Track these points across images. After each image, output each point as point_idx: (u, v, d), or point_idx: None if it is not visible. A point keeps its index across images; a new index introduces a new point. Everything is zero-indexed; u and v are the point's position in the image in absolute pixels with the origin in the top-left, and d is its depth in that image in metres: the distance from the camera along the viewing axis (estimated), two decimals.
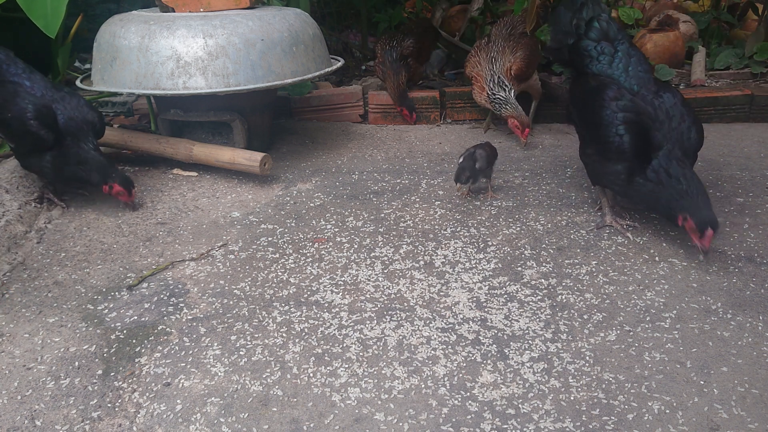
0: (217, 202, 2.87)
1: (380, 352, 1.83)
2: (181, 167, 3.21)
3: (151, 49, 2.91)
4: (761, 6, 4.40)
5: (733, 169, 3.01)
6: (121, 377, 1.78)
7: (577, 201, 2.74)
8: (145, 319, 2.02)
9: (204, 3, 3.15)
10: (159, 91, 2.94)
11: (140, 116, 3.97)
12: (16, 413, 1.66)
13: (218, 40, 2.91)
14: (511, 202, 2.76)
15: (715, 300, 2.03)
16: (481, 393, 1.67)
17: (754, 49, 4.11)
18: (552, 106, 3.83)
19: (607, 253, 2.32)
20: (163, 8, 3.20)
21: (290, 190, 2.97)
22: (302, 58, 3.12)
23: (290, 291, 2.15)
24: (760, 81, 4.00)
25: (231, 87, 2.93)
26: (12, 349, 1.90)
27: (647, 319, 1.95)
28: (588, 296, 2.06)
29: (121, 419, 1.63)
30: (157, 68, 2.91)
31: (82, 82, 3.20)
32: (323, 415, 1.61)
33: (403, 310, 2.03)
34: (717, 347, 1.81)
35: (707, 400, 1.62)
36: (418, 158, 3.34)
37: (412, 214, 2.68)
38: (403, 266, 2.28)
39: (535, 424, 1.56)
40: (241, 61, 2.93)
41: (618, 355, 1.80)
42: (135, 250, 2.45)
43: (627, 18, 4.42)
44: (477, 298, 2.08)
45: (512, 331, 1.91)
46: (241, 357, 1.83)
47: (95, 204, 2.83)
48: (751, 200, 2.68)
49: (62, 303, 2.12)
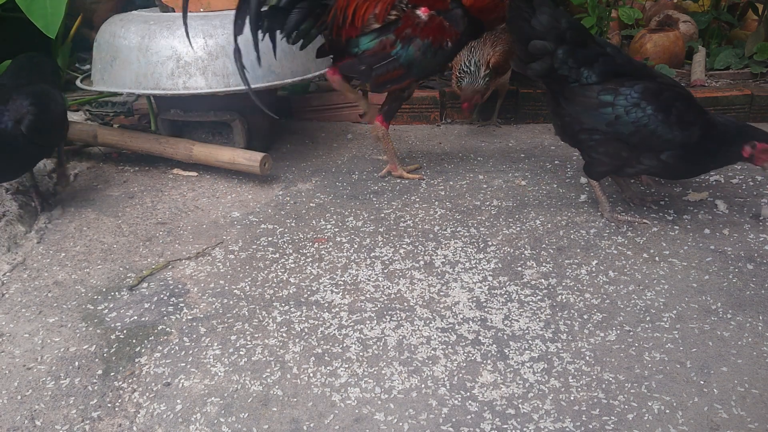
0: (217, 202, 2.87)
1: (380, 352, 1.83)
2: (181, 167, 3.21)
3: (151, 48, 2.91)
4: (761, 6, 4.40)
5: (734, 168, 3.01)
6: (121, 377, 1.78)
7: (577, 201, 2.74)
8: (145, 319, 2.03)
9: (204, 3, 3.15)
10: (159, 91, 2.94)
11: (140, 116, 3.96)
12: (16, 413, 1.66)
13: (218, 40, 2.91)
14: (511, 202, 2.76)
15: (715, 300, 2.03)
16: (481, 393, 1.67)
17: (754, 49, 4.10)
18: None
19: (607, 253, 2.32)
20: (163, 8, 3.20)
21: (290, 190, 2.97)
22: (302, 57, 3.12)
23: (290, 291, 2.15)
24: (760, 81, 4.00)
25: (231, 87, 2.93)
26: (12, 349, 1.90)
27: (647, 319, 1.95)
28: (588, 296, 2.07)
29: (121, 419, 1.63)
30: (157, 68, 2.91)
31: (82, 82, 3.20)
32: (323, 415, 1.61)
33: (403, 310, 2.03)
34: (717, 347, 1.81)
35: (707, 400, 1.62)
36: (418, 158, 3.34)
37: (412, 214, 2.68)
38: (403, 266, 2.28)
39: (535, 424, 1.57)
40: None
41: (618, 355, 1.80)
42: (135, 250, 2.46)
43: (627, 18, 4.41)
44: (477, 298, 2.08)
45: (512, 331, 1.91)
46: (241, 357, 1.84)
47: (95, 204, 2.83)
48: (750, 200, 2.68)
49: (62, 303, 2.12)
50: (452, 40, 2.66)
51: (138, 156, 3.32)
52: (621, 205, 2.67)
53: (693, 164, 2.39)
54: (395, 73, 2.69)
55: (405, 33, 2.60)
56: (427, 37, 2.62)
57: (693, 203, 2.67)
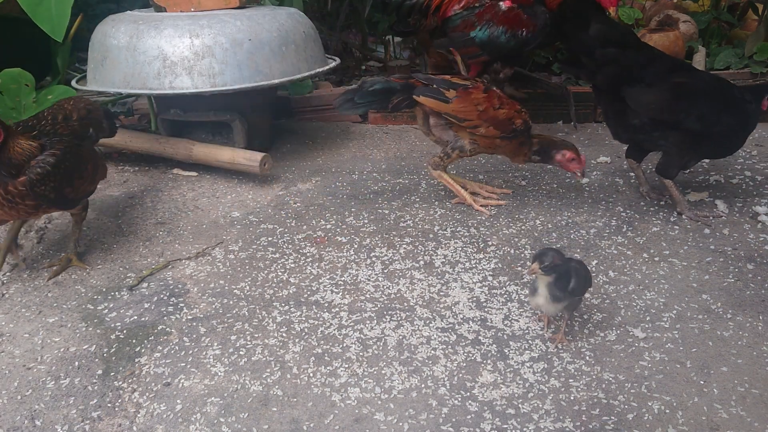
0: (217, 201, 2.86)
1: (380, 352, 1.83)
2: (181, 167, 3.20)
3: (139, 48, 2.91)
4: (761, 6, 4.40)
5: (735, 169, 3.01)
6: (121, 377, 1.78)
7: (577, 201, 2.74)
8: (145, 319, 2.02)
9: (195, 2, 3.15)
10: (146, 91, 2.94)
11: (140, 116, 3.96)
12: (16, 413, 1.66)
13: (204, 40, 2.91)
14: (511, 202, 2.76)
15: (715, 300, 2.03)
16: (481, 393, 1.67)
17: (754, 49, 4.11)
18: (551, 106, 3.83)
19: (607, 253, 2.32)
20: (157, 8, 3.21)
21: (290, 190, 2.97)
22: (292, 57, 3.11)
23: (290, 291, 2.15)
24: (760, 81, 4.00)
25: (217, 87, 2.92)
26: (12, 349, 1.90)
27: (647, 319, 1.95)
28: (588, 296, 2.06)
29: (121, 419, 1.63)
30: (144, 68, 2.91)
31: (77, 82, 3.20)
32: (323, 415, 1.61)
33: (403, 310, 2.03)
34: (717, 347, 1.81)
35: (707, 400, 1.62)
36: (418, 158, 3.34)
37: (412, 213, 2.68)
38: (403, 266, 2.28)
39: (535, 424, 1.56)
40: (227, 61, 2.92)
41: (618, 355, 1.80)
42: (135, 250, 2.45)
43: (627, 18, 4.41)
44: (477, 297, 2.08)
45: (512, 331, 1.91)
46: (241, 357, 1.83)
47: (95, 204, 2.83)
48: (750, 200, 2.68)
49: (62, 303, 2.12)
50: (528, 30, 3.08)
51: (138, 156, 3.32)
52: (636, 199, 2.67)
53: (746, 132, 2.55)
54: (471, 50, 3.24)
55: (485, 18, 3.13)
56: (503, 24, 3.10)
57: (693, 203, 2.67)
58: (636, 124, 2.50)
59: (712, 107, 2.41)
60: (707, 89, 2.45)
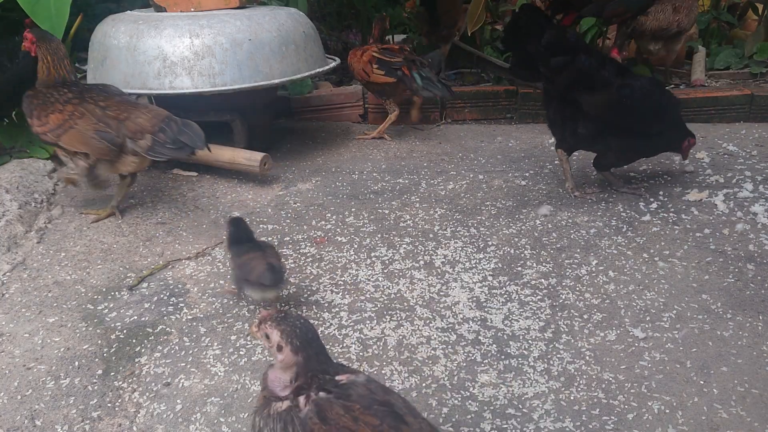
0: (217, 202, 2.86)
1: (380, 352, 1.83)
2: (181, 167, 3.20)
3: (139, 48, 2.91)
4: (761, 6, 4.41)
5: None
6: (121, 377, 1.78)
7: (577, 201, 2.74)
8: (145, 319, 2.02)
9: (195, 2, 3.16)
10: (146, 91, 2.95)
11: None
12: (16, 413, 1.66)
13: (204, 40, 2.91)
14: (511, 202, 2.76)
15: (714, 300, 2.03)
16: (481, 393, 1.67)
17: (754, 49, 4.11)
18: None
19: (607, 253, 2.32)
20: (157, 8, 3.21)
21: (290, 190, 2.97)
22: (292, 57, 3.12)
23: (290, 291, 2.15)
24: (759, 81, 4.00)
25: (217, 87, 2.92)
26: (12, 349, 1.90)
27: (647, 319, 1.95)
28: (588, 296, 2.06)
29: (121, 419, 1.63)
30: (144, 68, 2.91)
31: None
32: None
33: (403, 309, 2.03)
34: (717, 347, 1.81)
35: (707, 400, 1.62)
36: (418, 158, 3.34)
37: (412, 213, 2.68)
38: (403, 266, 2.28)
39: (535, 424, 1.56)
40: (227, 61, 2.92)
41: (618, 355, 1.80)
42: (135, 250, 2.45)
43: None
44: (477, 297, 2.08)
45: (512, 331, 1.91)
46: (241, 357, 1.83)
47: (95, 204, 2.83)
48: (750, 201, 2.68)
49: (62, 303, 2.12)
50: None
51: None
52: (636, 199, 2.68)
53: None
54: (619, 10, 3.60)
55: None
56: None
57: (693, 203, 2.67)
58: (583, 133, 2.65)
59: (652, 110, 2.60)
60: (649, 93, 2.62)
